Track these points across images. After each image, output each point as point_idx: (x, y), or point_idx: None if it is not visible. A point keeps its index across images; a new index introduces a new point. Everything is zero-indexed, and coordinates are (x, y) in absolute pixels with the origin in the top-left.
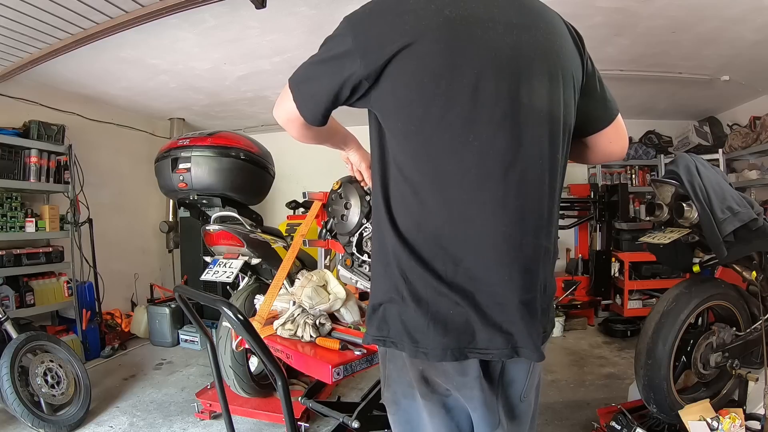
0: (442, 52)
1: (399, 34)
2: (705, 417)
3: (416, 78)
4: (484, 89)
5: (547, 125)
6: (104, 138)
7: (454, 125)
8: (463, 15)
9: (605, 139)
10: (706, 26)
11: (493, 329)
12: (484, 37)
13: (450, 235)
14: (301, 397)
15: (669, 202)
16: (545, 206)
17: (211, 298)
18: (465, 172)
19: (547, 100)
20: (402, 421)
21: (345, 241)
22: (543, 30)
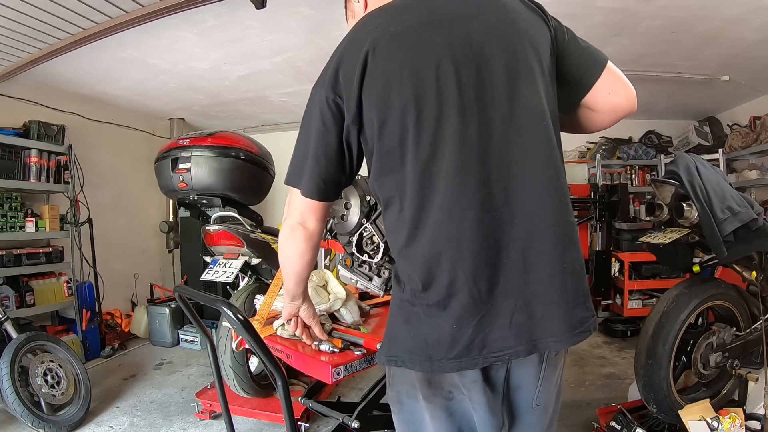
0: (399, 63)
1: (356, 64)
2: (705, 417)
3: (385, 94)
4: (447, 86)
5: (521, 101)
6: (104, 138)
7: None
8: (409, 25)
9: (604, 90)
10: (706, 26)
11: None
12: (434, 37)
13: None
14: (301, 397)
15: (669, 202)
16: (542, 183)
17: (211, 298)
18: (447, 168)
19: (512, 77)
20: (405, 421)
21: (345, 241)
22: (492, 12)
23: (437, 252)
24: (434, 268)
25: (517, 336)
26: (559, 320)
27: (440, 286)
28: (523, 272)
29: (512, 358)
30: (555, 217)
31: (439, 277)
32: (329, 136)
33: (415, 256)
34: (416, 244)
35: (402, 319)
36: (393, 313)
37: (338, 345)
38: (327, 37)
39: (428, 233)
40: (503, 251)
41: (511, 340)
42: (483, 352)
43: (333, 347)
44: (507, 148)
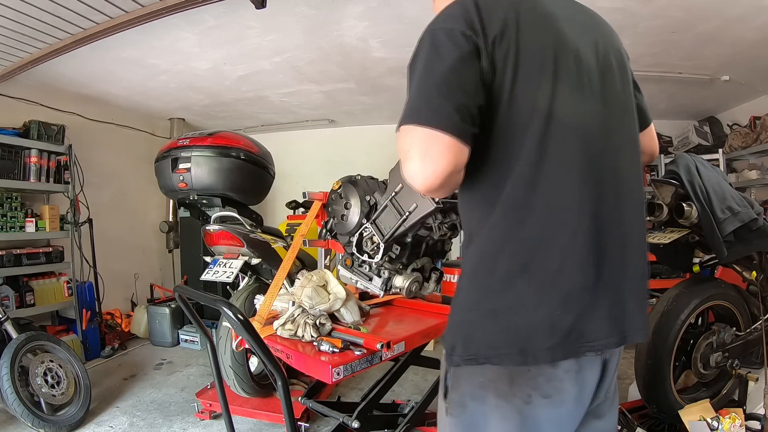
0: (541, 43)
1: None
2: (705, 417)
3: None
4: (579, 81)
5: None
6: (104, 138)
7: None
8: (550, 12)
9: (650, 136)
10: (706, 26)
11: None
12: (572, 33)
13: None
14: (301, 397)
15: (669, 202)
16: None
17: (211, 298)
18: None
19: (623, 92)
20: (465, 424)
21: (345, 241)
22: (608, 31)
23: (550, 238)
24: (541, 255)
25: (613, 327)
26: (640, 315)
27: (547, 273)
28: (621, 269)
29: (606, 348)
30: (640, 225)
31: (546, 264)
32: (468, 69)
33: (519, 242)
34: (523, 229)
35: (484, 312)
36: (469, 309)
37: (338, 345)
38: (327, 37)
39: (538, 219)
40: (608, 247)
41: (607, 331)
42: (580, 340)
43: (333, 347)
44: (618, 155)
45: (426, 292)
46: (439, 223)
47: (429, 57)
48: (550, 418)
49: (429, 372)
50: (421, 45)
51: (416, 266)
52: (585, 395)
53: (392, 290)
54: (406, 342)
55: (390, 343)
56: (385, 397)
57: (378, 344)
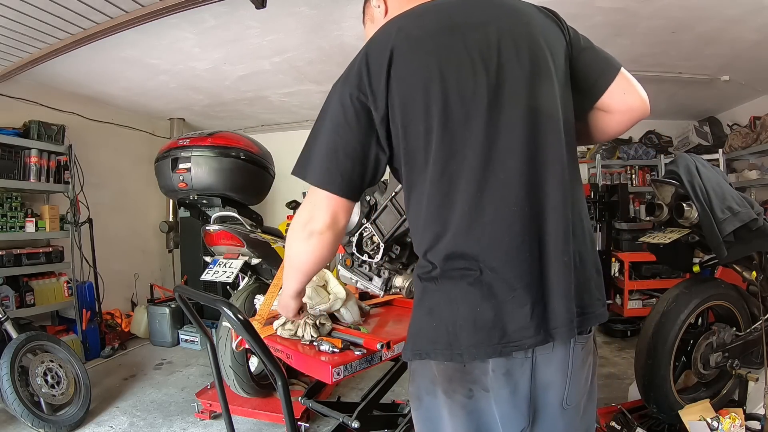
0: (421, 66)
1: (382, 65)
2: (705, 417)
3: (410, 96)
4: (469, 88)
5: (538, 100)
6: (104, 138)
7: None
8: (429, 29)
9: (618, 90)
10: (706, 26)
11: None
12: (453, 41)
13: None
14: (301, 397)
15: (669, 202)
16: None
17: (211, 298)
18: (470, 166)
19: (530, 78)
20: (423, 417)
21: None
22: (505, 17)
23: (464, 243)
24: (461, 260)
25: (537, 326)
26: (564, 312)
27: (467, 276)
28: (538, 264)
29: (532, 347)
30: (570, 215)
31: (467, 268)
32: (349, 133)
33: (442, 249)
34: (443, 237)
35: (424, 311)
36: (416, 307)
37: (338, 345)
38: (327, 37)
39: (455, 226)
40: (524, 244)
41: (531, 330)
42: (503, 340)
43: (333, 347)
44: (527, 146)
45: None
46: None
47: (321, 115)
48: (493, 412)
49: None
50: (326, 102)
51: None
52: (519, 399)
53: (392, 290)
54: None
55: (390, 343)
56: (385, 397)
57: (378, 344)
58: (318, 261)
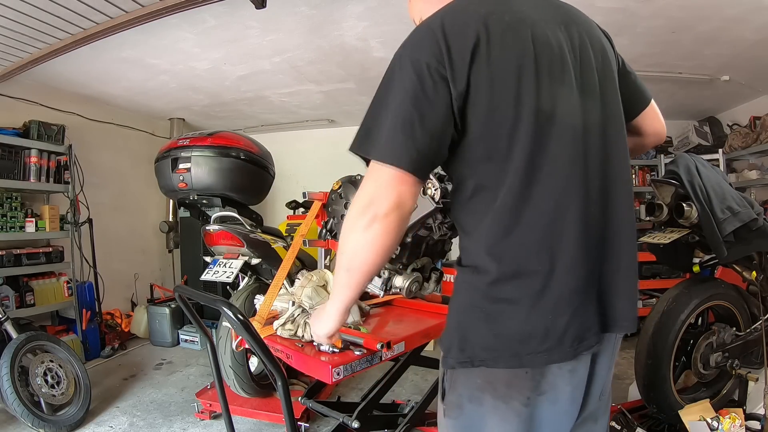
0: (516, 53)
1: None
2: (705, 417)
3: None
4: (560, 81)
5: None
6: (104, 138)
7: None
8: (522, 18)
9: (650, 117)
10: (706, 26)
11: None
12: (546, 33)
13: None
14: (301, 397)
15: (669, 202)
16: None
17: (211, 298)
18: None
19: (603, 83)
20: (462, 426)
21: None
22: (584, 23)
23: (538, 243)
24: (533, 259)
25: (601, 323)
26: (630, 308)
27: (538, 277)
28: (607, 265)
29: (598, 344)
30: (629, 218)
31: (536, 268)
32: (428, 105)
33: (512, 247)
34: (514, 234)
35: (478, 316)
36: (463, 311)
37: (338, 345)
38: (327, 37)
39: (530, 224)
40: (596, 245)
41: (597, 327)
42: (574, 343)
43: (333, 347)
44: (602, 148)
45: (426, 292)
46: (439, 223)
47: (395, 91)
48: (548, 416)
49: (429, 372)
50: (389, 71)
51: (416, 266)
52: (578, 393)
53: (392, 290)
54: (406, 342)
55: (390, 343)
56: (385, 397)
57: (378, 344)
58: (383, 252)
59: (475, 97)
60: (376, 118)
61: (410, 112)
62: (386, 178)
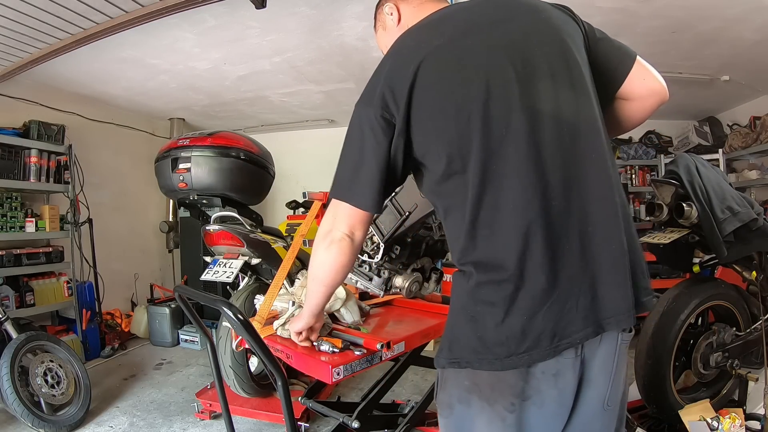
0: (450, 73)
1: (406, 79)
2: (705, 417)
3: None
4: (500, 86)
5: (569, 91)
6: (104, 138)
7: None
8: (450, 35)
9: (638, 76)
10: (706, 26)
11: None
12: (476, 43)
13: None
14: (301, 397)
15: (669, 202)
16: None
17: (211, 298)
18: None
19: (556, 70)
20: (452, 426)
21: None
22: (524, 14)
23: (504, 247)
24: (501, 264)
25: (585, 318)
26: (621, 299)
27: (510, 280)
28: (581, 256)
29: (582, 341)
30: (609, 201)
31: (507, 271)
32: (383, 152)
33: (481, 255)
34: (482, 243)
35: (466, 318)
36: (455, 314)
37: (338, 345)
38: (327, 37)
39: (494, 230)
40: (563, 239)
41: (579, 323)
42: (554, 341)
43: (333, 347)
44: (561, 137)
45: (426, 292)
46: (439, 223)
47: (351, 136)
48: (534, 421)
49: (429, 372)
50: (351, 123)
51: (416, 266)
52: (566, 397)
53: (392, 290)
54: (406, 342)
55: (390, 343)
56: (385, 397)
57: (378, 344)
58: (340, 268)
59: (418, 126)
60: (339, 164)
61: (358, 158)
62: (340, 211)
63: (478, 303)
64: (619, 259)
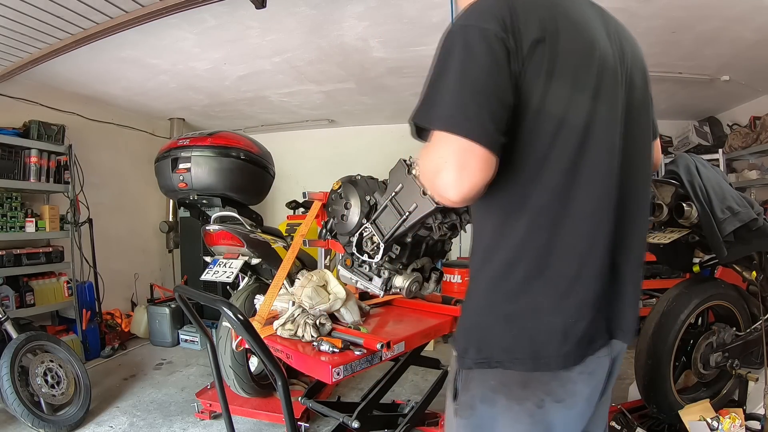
0: (579, 50)
1: (534, 22)
2: (705, 417)
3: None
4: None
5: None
6: (104, 138)
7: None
8: (586, 20)
9: (656, 147)
10: (706, 26)
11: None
12: (604, 43)
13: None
14: (301, 397)
15: (669, 202)
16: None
17: (211, 298)
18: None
19: (644, 102)
20: (472, 426)
21: (345, 241)
22: (632, 43)
23: (571, 246)
24: (563, 261)
25: (616, 330)
26: (634, 321)
27: (564, 280)
28: (629, 275)
29: (609, 348)
30: (643, 234)
31: (564, 271)
32: (502, 75)
33: (544, 247)
34: (549, 234)
35: (498, 316)
36: (481, 312)
37: (338, 345)
38: (327, 37)
39: (567, 226)
40: (619, 254)
41: (606, 332)
42: (592, 345)
43: (333, 347)
44: (634, 165)
45: (426, 292)
46: (439, 223)
47: (462, 58)
48: (561, 421)
49: (429, 372)
50: (451, 42)
51: (416, 266)
52: (595, 394)
53: (392, 290)
54: (406, 342)
55: (390, 343)
56: (385, 397)
57: (378, 344)
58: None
59: (530, 84)
60: (440, 88)
61: (485, 82)
62: (455, 148)
63: (518, 301)
64: (638, 287)
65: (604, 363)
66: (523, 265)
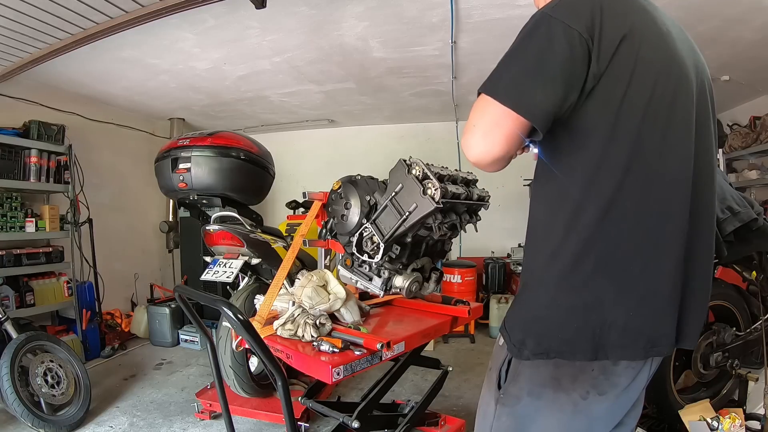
0: (661, 59)
1: (619, 27)
2: (705, 417)
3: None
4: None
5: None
6: (104, 138)
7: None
8: (667, 31)
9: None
10: (706, 26)
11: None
12: (684, 57)
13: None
14: (301, 397)
15: None
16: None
17: (211, 298)
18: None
19: (712, 118)
20: (514, 415)
21: (345, 241)
22: (703, 64)
23: (641, 242)
24: (630, 257)
25: (673, 333)
26: (697, 328)
27: (630, 274)
28: (691, 282)
29: (668, 354)
30: (711, 242)
31: (631, 266)
32: (576, 68)
33: (613, 241)
34: (620, 229)
35: (562, 310)
36: (547, 306)
37: (338, 345)
38: (327, 37)
39: (639, 222)
40: (687, 260)
41: (672, 339)
42: (647, 345)
43: (333, 347)
44: (703, 174)
45: (426, 292)
46: (439, 223)
47: (543, 48)
48: (601, 413)
49: (429, 372)
50: (536, 29)
51: (416, 266)
52: (637, 388)
53: (392, 290)
54: (406, 342)
55: (390, 343)
56: (385, 397)
57: (378, 344)
58: None
59: (612, 84)
60: (510, 66)
61: (552, 71)
62: (491, 114)
63: (581, 295)
64: (705, 297)
65: (649, 364)
66: (591, 259)
